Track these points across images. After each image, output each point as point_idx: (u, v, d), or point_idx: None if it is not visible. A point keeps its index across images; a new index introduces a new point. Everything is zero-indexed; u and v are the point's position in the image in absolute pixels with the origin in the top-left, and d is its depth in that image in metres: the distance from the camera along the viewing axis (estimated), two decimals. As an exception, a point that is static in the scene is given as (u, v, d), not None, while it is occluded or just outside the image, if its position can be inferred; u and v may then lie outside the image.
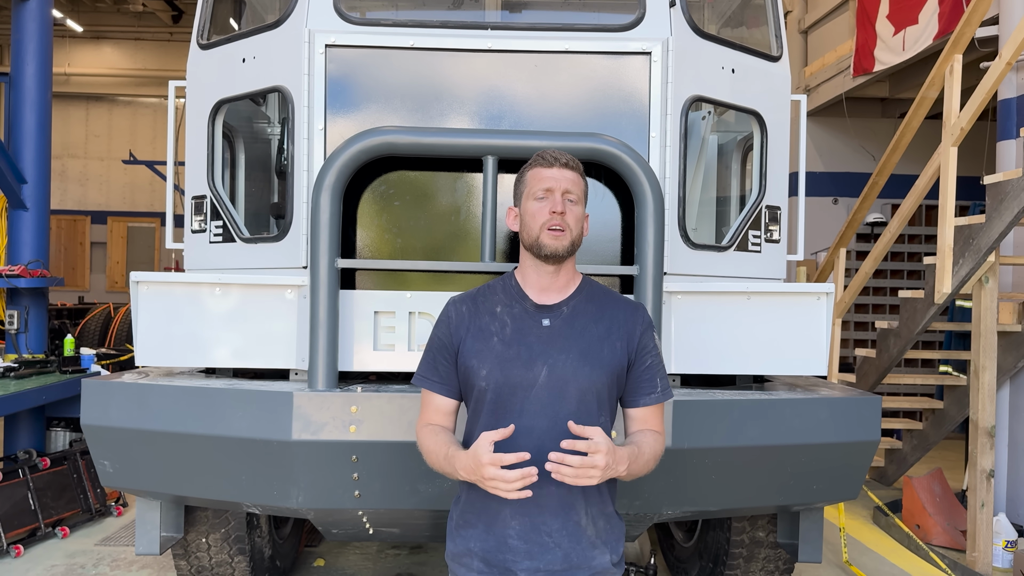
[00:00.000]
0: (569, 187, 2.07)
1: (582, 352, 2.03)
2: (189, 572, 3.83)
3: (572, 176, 2.09)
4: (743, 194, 3.98)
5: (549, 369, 2.01)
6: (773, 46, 3.68)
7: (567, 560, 2.02)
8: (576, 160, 2.13)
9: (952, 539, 5.35)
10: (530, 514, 2.01)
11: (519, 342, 2.05)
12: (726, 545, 3.83)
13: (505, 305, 2.11)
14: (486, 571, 2.05)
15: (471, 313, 2.11)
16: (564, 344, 2.03)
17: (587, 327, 2.06)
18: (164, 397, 2.98)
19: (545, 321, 2.07)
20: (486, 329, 2.08)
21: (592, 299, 2.12)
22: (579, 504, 2.03)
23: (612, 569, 2.08)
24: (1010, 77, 5.54)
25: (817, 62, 10.01)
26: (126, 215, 17.94)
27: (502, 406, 2.03)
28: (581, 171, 2.13)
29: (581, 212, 2.10)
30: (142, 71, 17.00)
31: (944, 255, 4.96)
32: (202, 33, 3.64)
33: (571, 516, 2.02)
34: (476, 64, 3.19)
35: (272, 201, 4.03)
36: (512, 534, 2.02)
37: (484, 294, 2.16)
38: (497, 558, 2.03)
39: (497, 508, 2.03)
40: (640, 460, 1.98)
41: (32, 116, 6.30)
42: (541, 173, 2.09)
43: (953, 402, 6.16)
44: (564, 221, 2.03)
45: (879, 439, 3.14)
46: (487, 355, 2.05)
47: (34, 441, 5.95)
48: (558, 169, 2.08)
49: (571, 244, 2.05)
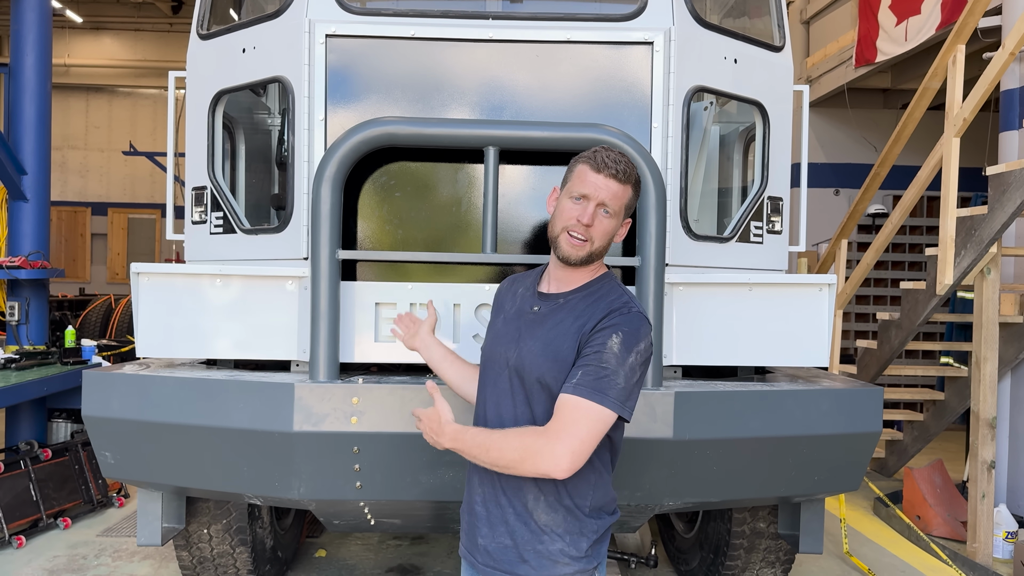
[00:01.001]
0: (607, 199, 2.00)
1: (546, 342, 2.04)
2: (191, 563, 3.84)
3: (616, 189, 2.00)
4: (745, 185, 3.97)
5: (519, 351, 2.07)
6: (775, 36, 3.66)
7: (513, 537, 2.04)
8: (632, 171, 2.03)
9: (952, 530, 5.36)
10: (492, 483, 2.08)
11: (513, 322, 2.15)
12: (727, 536, 3.83)
13: (526, 288, 2.22)
14: (465, 541, 2.18)
15: (504, 290, 2.30)
16: (537, 332, 2.07)
17: (563, 321, 2.05)
18: (165, 388, 2.98)
19: (536, 307, 2.13)
20: (502, 306, 2.24)
21: (589, 297, 2.08)
22: (529, 487, 2.03)
23: (565, 559, 2.01)
24: (1013, 67, 5.51)
25: (819, 53, 9.98)
26: (126, 206, 17.94)
27: (485, 375, 2.18)
28: (632, 181, 2.03)
29: (614, 226, 2.04)
30: (142, 62, 16.97)
31: (946, 246, 4.95)
32: (202, 23, 3.62)
33: (519, 496, 2.04)
34: (477, 54, 3.17)
35: (272, 192, 4.02)
36: (478, 500, 2.12)
37: (525, 275, 2.30)
38: (468, 522, 2.16)
39: (471, 475, 2.16)
40: (482, 446, 1.95)
41: (32, 107, 6.29)
42: (587, 177, 2.01)
43: (954, 393, 6.16)
44: (588, 233, 2.00)
45: (880, 430, 3.14)
46: (491, 329, 2.23)
47: (35, 432, 5.96)
48: (603, 177, 1.99)
49: (588, 255, 2.03)
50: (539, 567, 2.01)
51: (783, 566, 3.95)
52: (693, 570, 4.22)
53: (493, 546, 2.07)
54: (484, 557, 2.08)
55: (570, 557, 2.02)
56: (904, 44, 7.64)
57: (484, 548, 2.08)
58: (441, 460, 2.90)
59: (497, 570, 2.05)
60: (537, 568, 2.01)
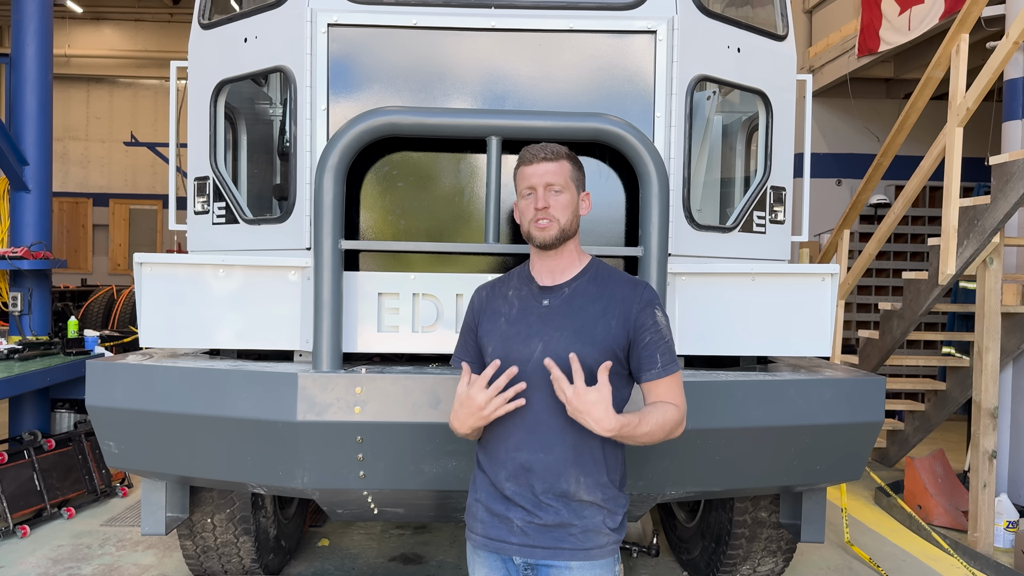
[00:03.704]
0: (551, 180, 2.16)
1: (576, 330, 2.12)
2: (194, 552, 3.85)
3: (552, 168, 2.17)
4: (747, 175, 3.96)
5: (544, 345, 2.12)
6: (779, 25, 3.65)
7: (556, 515, 2.09)
8: (559, 149, 2.20)
9: (953, 519, 5.37)
10: (525, 469, 2.12)
11: (521, 321, 2.19)
12: (728, 525, 3.84)
13: (516, 289, 2.26)
14: (488, 531, 2.17)
15: (488, 298, 2.30)
16: (560, 322, 2.14)
17: (584, 306, 2.15)
18: (168, 378, 2.99)
19: (545, 301, 2.18)
20: (498, 311, 2.25)
21: (595, 280, 2.20)
22: (570, 468, 2.10)
23: (606, 529, 2.12)
24: (1017, 57, 5.49)
25: (821, 42, 9.94)
26: (128, 197, 17.91)
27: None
28: (565, 156, 2.20)
29: (569, 198, 2.18)
30: (143, 52, 16.90)
31: (948, 236, 4.94)
32: (203, 13, 3.61)
33: (558, 479, 2.09)
34: (480, 43, 3.16)
35: (275, 182, 4.02)
36: (509, 489, 2.13)
37: (503, 281, 2.33)
38: (488, 511, 2.17)
39: (492, 467, 2.17)
40: (642, 427, 2.03)
41: (33, 97, 6.28)
42: (524, 172, 2.20)
43: (955, 383, 6.16)
44: (548, 214, 2.14)
45: (883, 420, 3.15)
46: (495, 334, 2.22)
47: (39, 423, 5.98)
48: (537, 164, 2.17)
49: (560, 232, 2.15)
50: (584, 540, 2.10)
51: (784, 555, 3.96)
52: (695, 559, 4.23)
53: (532, 528, 2.10)
54: (521, 537, 2.11)
55: (609, 528, 2.13)
56: (907, 33, 7.61)
57: (522, 530, 2.11)
58: (444, 449, 2.90)
59: (538, 548, 2.10)
60: (582, 540, 2.10)
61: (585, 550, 2.09)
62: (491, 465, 2.17)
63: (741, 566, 3.95)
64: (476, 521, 2.20)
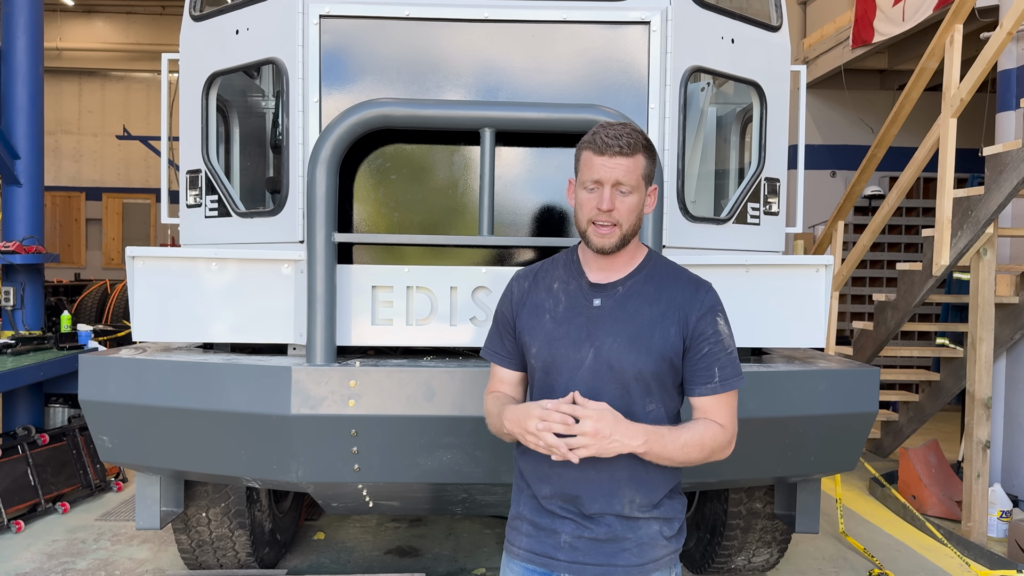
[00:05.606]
0: (621, 177, 1.89)
1: (631, 337, 1.93)
2: (190, 546, 3.85)
3: (627, 164, 1.89)
4: (742, 166, 3.96)
5: (595, 352, 1.94)
6: (773, 16, 3.64)
7: (609, 528, 1.96)
8: (637, 139, 1.92)
9: (947, 510, 5.40)
10: (572, 485, 1.97)
11: (569, 321, 1.99)
12: (723, 516, 3.85)
13: (562, 281, 2.05)
14: (534, 534, 2.02)
15: (530, 288, 2.08)
16: (613, 327, 1.95)
17: (640, 309, 1.95)
18: (162, 372, 2.98)
19: (596, 301, 1.98)
20: (541, 306, 2.03)
21: (652, 278, 2.00)
22: (624, 481, 1.95)
23: (662, 540, 1.98)
24: (1010, 47, 5.50)
25: (816, 33, 9.93)
26: (121, 191, 17.86)
27: (548, 384, 2.00)
28: (643, 148, 1.93)
29: (637, 200, 1.93)
30: (135, 45, 16.82)
31: (942, 227, 4.95)
32: (195, 5, 3.59)
33: (613, 493, 1.95)
34: (473, 34, 3.15)
35: (267, 175, 4.00)
36: (555, 506, 1.99)
37: (546, 268, 2.10)
38: (540, 520, 2.02)
39: (535, 481, 2.02)
40: (676, 442, 1.87)
41: (24, 91, 6.24)
42: (592, 161, 1.91)
43: (949, 374, 6.18)
44: (612, 217, 1.90)
45: (877, 411, 3.15)
46: (538, 332, 2.01)
47: (32, 417, 5.96)
48: (610, 157, 1.88)
49: (620, 239, 1.93)
50: (640, 554, 1.96)
51: (779, 546, 3.97)
52: (690, 550, 4.24)
53: (582, 543, 1.96)
54: (569, 553, 1.97)
55: (665, 538, 1.99)
56: (901, 24, 7.61)
57: (570, 545, 1.97)
58: (439, 442, 2.90)
59: (588, 565, 1.95)
60: (638, 555, 1.95)
61: (640, 566, 1.94)
62: (535, 478, 2.01)
63: (736, 557, 3.96)
64: (519, 535, 2.04)
